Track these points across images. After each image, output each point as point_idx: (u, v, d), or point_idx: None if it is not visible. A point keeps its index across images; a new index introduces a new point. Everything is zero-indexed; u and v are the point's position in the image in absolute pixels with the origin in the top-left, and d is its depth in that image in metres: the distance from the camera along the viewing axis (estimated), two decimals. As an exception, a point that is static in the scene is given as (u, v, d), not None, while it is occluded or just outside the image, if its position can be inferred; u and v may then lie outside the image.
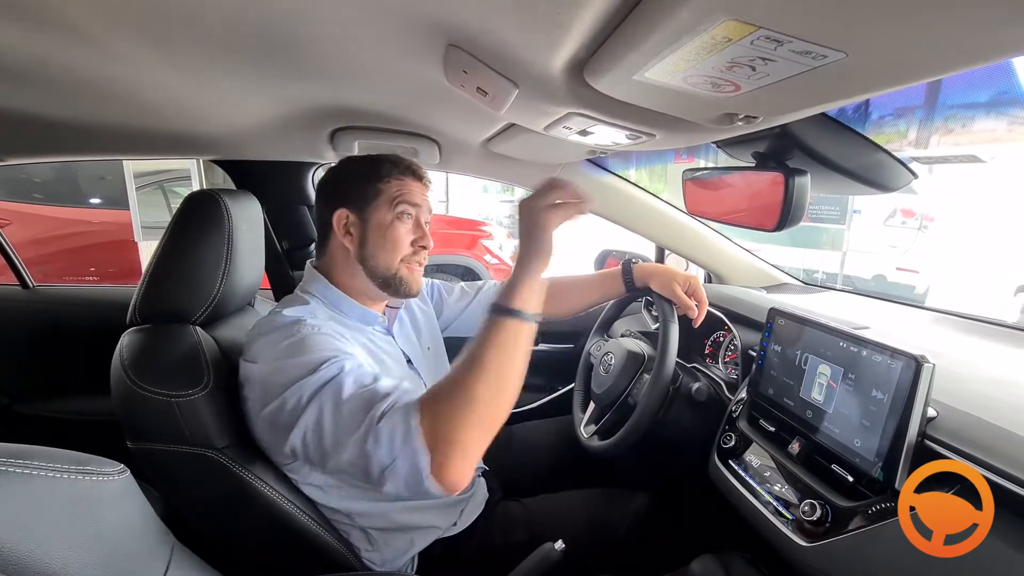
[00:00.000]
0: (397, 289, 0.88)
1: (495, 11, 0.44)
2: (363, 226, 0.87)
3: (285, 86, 0.85)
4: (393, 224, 0.86)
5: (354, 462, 0.67)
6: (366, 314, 0.91)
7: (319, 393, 0.69)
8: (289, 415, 0.70)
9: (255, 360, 0.76)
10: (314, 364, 0.71)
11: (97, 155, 1.24)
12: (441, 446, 0.63)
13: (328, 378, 0.70)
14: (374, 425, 0.64)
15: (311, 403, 0.69)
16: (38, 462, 0.42)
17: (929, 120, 4.34)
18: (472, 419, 0.64)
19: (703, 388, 1.06)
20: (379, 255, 0.87)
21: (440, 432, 0.63)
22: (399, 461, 0.63)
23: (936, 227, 4.92)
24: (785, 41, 0.31)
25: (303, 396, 0.69)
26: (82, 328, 1.46)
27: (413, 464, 0.63)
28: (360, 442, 0.65)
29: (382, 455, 0.64)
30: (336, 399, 0.68)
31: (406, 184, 0.88)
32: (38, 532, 0.39)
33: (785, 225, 0.61)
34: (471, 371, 0.66)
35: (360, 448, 0.65)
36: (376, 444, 0.64)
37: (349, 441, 0.66)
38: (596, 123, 0.66)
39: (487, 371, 0.66)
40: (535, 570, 0.81)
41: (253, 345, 0.79)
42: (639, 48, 0.38)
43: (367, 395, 0.68)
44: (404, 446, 0.63)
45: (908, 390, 0.63)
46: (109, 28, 0.59)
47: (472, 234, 4.14)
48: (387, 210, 0.86)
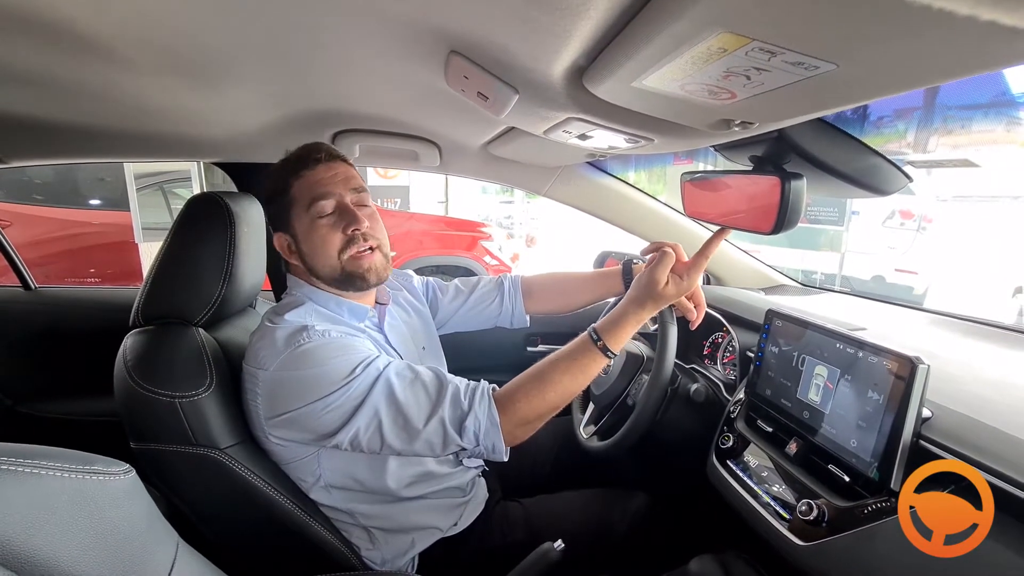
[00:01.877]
0: (355, 284, 0.86)
1: (497, 20, 0.45)
2: (296, 241, 0.86)
3: (287, 90, 0.86)
4: (314, 225, 0.83)
5: (427, 448, 0.78)
6: (355, 308, 0.89)
7: (368, 395, 0.75)
8: (334, 419, 0.75)
9: (264, 367, 0.76)
10: (347, 369, 0.75)
11: (100, 157, 1.24)
12: (516, 437, 0.80)
13: (373, 379, 0.76)
14: (458, 421, 0.76)
15: (363, 405, 0.75)
16: (46, 462, 0.43)
17: (928, 122, 4.35)
18: (543, 417, 0.81)
19: (701, 389, 1.06)
20: (318, 261, 0.84)
21: (517, 430, 0.79)
22: (481, 446, 0.78)
23: (934, 229, 4.94)
24: (778, 52, 0.32)
25: (350, 399, 0.74)
26: (84, 330, 1.47)
27: (491, 448, 0.78)
28: (439, 437, 0.76)
29: (467, 441, 0.77)
30: (391, 399, 0.76)
31: (306, 179, 0.83)
32: (46, 530, 0.40)
33: (782, 228, 0.62)
34: (556, 384, 0.80)
35: (442, 437, 0.76)
36: (462, 436, 0.76)
37: (422, 439, 0.76)
38: (595, 128, 0.67)
39: (569, 385, 0.81)
40: (534, 570, 0.81)
41: (260, 352, 0.78)
42: (637, 57, 0.39)
43: (422, 393, 0.77)
44: (487, 437, 0.77)
45: (903, 391, 0.64)
46: (114, 34, 0.60)
47: (471, 235, 4.14)
48: (303, 215, 0.83)
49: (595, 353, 0.82)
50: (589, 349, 0.82)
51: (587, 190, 1.40)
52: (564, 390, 0.81)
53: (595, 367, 0.82)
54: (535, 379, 0.81)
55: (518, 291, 1.15)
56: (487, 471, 1.10)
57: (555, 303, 1.17)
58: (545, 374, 0.81)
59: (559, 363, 0.82)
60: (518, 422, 0.79)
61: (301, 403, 0.74)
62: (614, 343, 0.82)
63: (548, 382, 0.80)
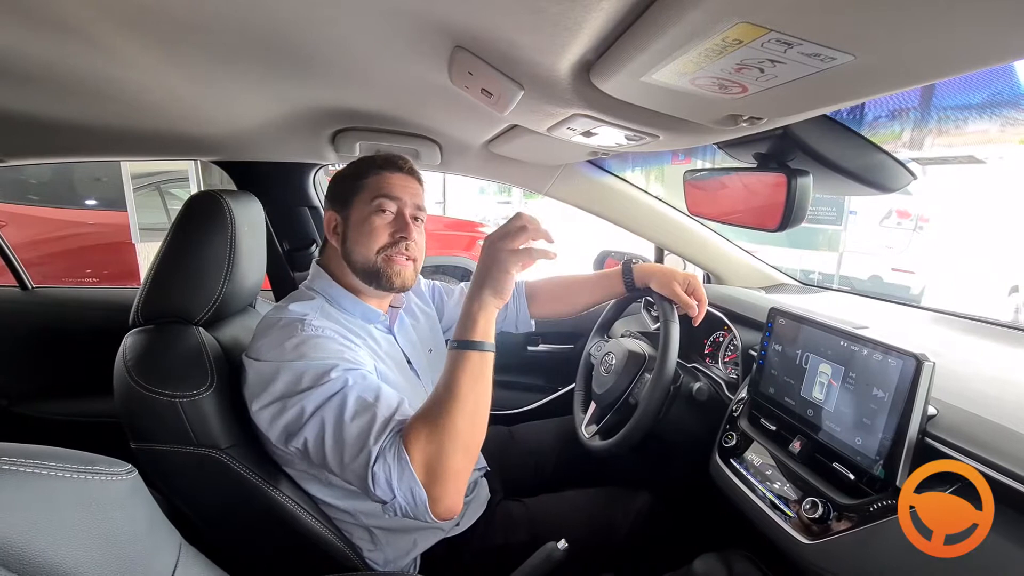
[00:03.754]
0: (380, 281, 0.88)
1: (505, 13, 0.44)
2: (345, 224, 0.89)
3: (288, 88, 0.85)
4: (369, 218, 0.87)
5: (356, 483, 0.71)
6: (368, 311, 0.91)
7: (322, 407, 0.71)
8: (292, 421, 0.72)
9: (258, 357, 0.77)
10: (319, 373, 0.73)
11: (99, 156, 1.24)
12: (435, 480, 0.67)
13: (332, 392, 0.72)
14: (370, 467, 0.67)
15: (314, 415, 0.71)
16: (48, 462, 0.42)
17: (923, 122, 4.37)
18: (458, 449, 0.69)
19: (704, 388, 1.06)
20: (357, 248, 0.88)
21: (431, 467, 0.67)
22: (398, 497, 0.67)
23: (931, 228, 4.96)
24: (795, 43, 0.32)
25: (307, 407, 0.72)
26: (81, 330, 1.46)
27: (410, 498, 0.67)
28: (360, 475, 0.68)
29: (382, 493, 0.67)
30: (338, 418, 0.71)
31: (384, 178, 0.89)
32: (49, 531, 0.39)
33: (788, 225, 0.62)
34: (450, 404, 0.70)
35: (361, 479, 0.68)
36: (375, 485, 0.67)
37: (349, 469, 0.69)
38: (600, 124, 0.67)
39: (464, 402, 0.70)
40: (538, 569, 0.81)
41: (257, 342, 0.80)
42: (648, 50, 0.38)
43: (367, 422, 0.70)
44: (400, 484, 0.67)
45: (909, 388, 0.64)
46: (114, 31, 0.59)
47: (470, 235, 4.13)
48: (365, 205, 0.88)
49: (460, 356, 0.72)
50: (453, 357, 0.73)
51: (588, 189, 1.40)
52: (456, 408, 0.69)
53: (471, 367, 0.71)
54: (424, 408, 0.72)
55: (522, 296, 1.19)
56: (489, 471, 1.09)
57: (558, 306, 1.20)
58: (431, 399, 0.72)
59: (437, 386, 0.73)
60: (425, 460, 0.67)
61: (278, 395, 0.73)
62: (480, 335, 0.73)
63: (435, 405, 0.70)
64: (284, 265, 1.43)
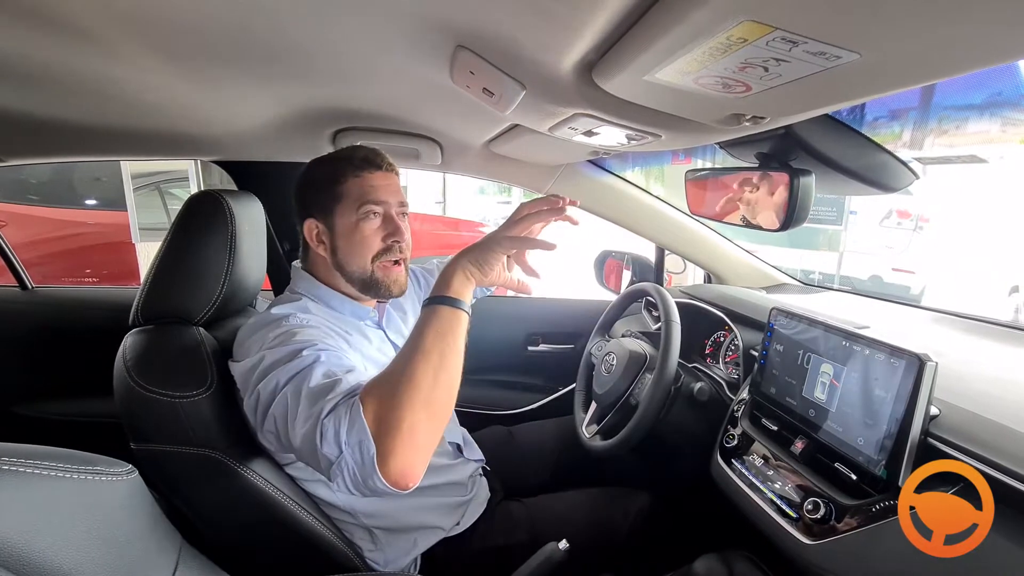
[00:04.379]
0: (379, 291, 0.88)
1: (508, 12, 0.44)
2: (331, 234, 0.86)
3: (289, 88, 0.85)
4: (358, 226, 0.84)
5: (305, 455, 0.66)
6: (357, 309, 0.91)
7: (290, 381, 0.68)
8: (264, 401, 0.70)
9: (238, 359, 0.77)
10: (291, 352, 0.71)
11: (99, 156, 1.23)
12: (386, 431, 0.60)
13: (301, 367, 0.69)
14: (320, 419, 0.62)
15: (281, 391, 0.68)
16: (48, 462, 0.42)
17: (923, 122, 4.37)
18: (416, 402, 0.62)
19: (705, 388, 1.06)
20: (350, 260, 0.86)
21: (384, 417, 0.61)
22: (346, 453, 0.61)
23: (931, 228, 4.96)
24: (800, 42, 0.32)
25: (277, 383, 0.69)
26: (81, 330, 1.46)
27: (360, 454, 0.60)
28: (309, 435, 0.63)
29: (329, 449, 0.61)
30: (299, 388, 0.67)
31: (365, 181, 0.85)
32: (49, 532, 0.39)
33: (791, 225, 0.62)
34: (412, 356, 0.65)
35: (310, 441, 0.63)
36: (323, 438, 0.62)
37: (300, 433, 0.64)
38: (602, 124, 0.67)
39: (427, 355, 0.65)
40: (539, 569, 0.81)
41: (241, 346, 0.79)
42: (652, 49, 0.38)
43: (326, 386, 0.66)
44: (349, 435, 0.60)
45: (911, 388, 0.64)
46: (114, 31, 0.59)
47: (470, 235, 4.14)
48: (351, 213, 0.84)
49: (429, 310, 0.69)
50: (424, 312, 0.69)
51: (588, 188, 1.40)
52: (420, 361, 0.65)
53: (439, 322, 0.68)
54: (389, 364, 0.68)
55: None
56: (489, 470, 1.09)
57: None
58: (395, 356, 0.69)
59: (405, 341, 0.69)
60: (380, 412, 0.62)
61: (253, 383, 0.71)
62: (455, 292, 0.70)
63: (398, 359, 0.67)
64: (284, 265, 1.43)
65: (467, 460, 1.02)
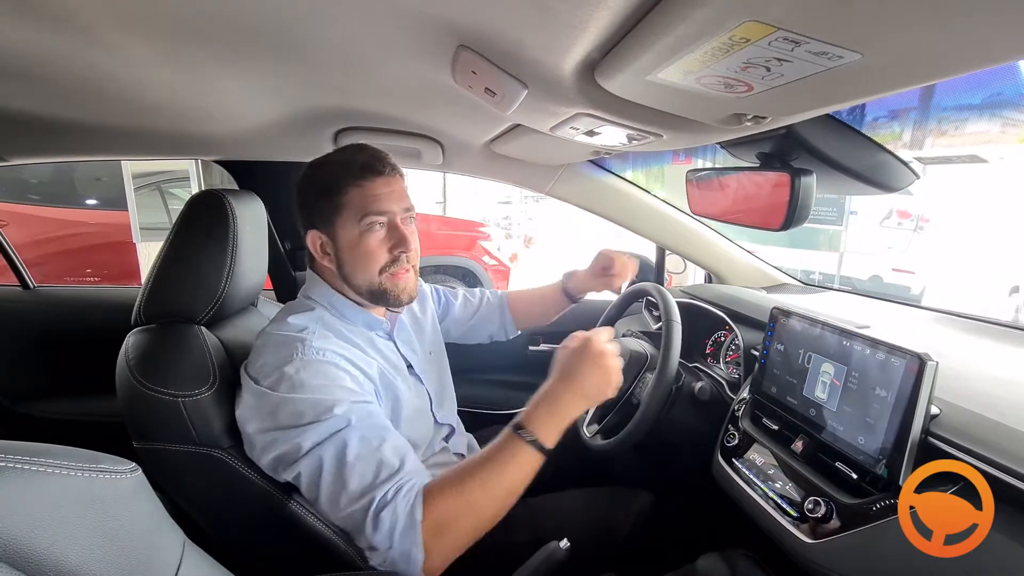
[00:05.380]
0: (387, 301, 0.87)
1: (511, 12, 0.44)
2: (335, 246, 0.84)
3: (290, 88, 0.85)
4: (362, 239, 0.81)
5: (346, 525, 0.70)
6: (370, 319, 0.90)
7: (322, 445, 0.70)
8: (286, 454, 0.71)
9: (255, 378, 0.76)
10: (320, 409, 0.71)
11: (101, 155, 1.24)
12: (439, 549, 0.66)
13: (334, 430, 0.70)
14: (376, 510, 0.66)
15: (311, 452, 0.70)
16: (53, 460, 0.42)
17: (923, 122, 4.37)
18: (472, 529, 0.69)
19: (706, 387, 1.06)
20: (357, 273, 0.84)
21: (443, 537, 0.66)
22: (395, 549, 0.65)
23: (931, 228, 4.96)
24: (803, 42, 0.32)
25: (304, 443, 0.70)
26: (82, 329, 1.46)
27: (407, 557, 0.65)
28: (358, 518, 0.67)
29: (380, 540, 0.65)
30: (339, 458, 0.69)
31: (366, 190, 0.81)
32: (53, 530, 0.39)
33: (791, 224, 0.62)
34: (482, 486, 0.69)
35: (358, 524, 0.67)
36: (376, 529, 0.65)
37: (346, 511, 0.68)
38: (604, 123, 0.67)
39: (496, 489, 0.70)
40: (540, 569, 0.81)
41: (257, 359, 0.78)
42: (654, 49, 0.38)
43: (374, 466, 0.69)
44: (403, 539, 0.65)
45: (912, 388, 0.64)
46: (116, 30, 0.59)
47: (470, 235, 4.13)
48: (353, 225, 0.81)
49: (519, 446, 0.71)
50: (512, 442, 0.71)
51: (589, 188, 1.40)
52: (490, 491, 0.69)
53: (523, 462, 0.71)
54: (454, 481, 0.70)
55: (506, 307, 1.24)
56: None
57: (531, 319, 1.27)
58: (465, 473, 0.71)
59: (481, 459, 0.72)
60: (438, 525, 0.66)
61: (273, 425, 0.72)
62: (545, 436, 0.72)
63: (469, 482, 0.69)
64: (285, 264, 1.43)
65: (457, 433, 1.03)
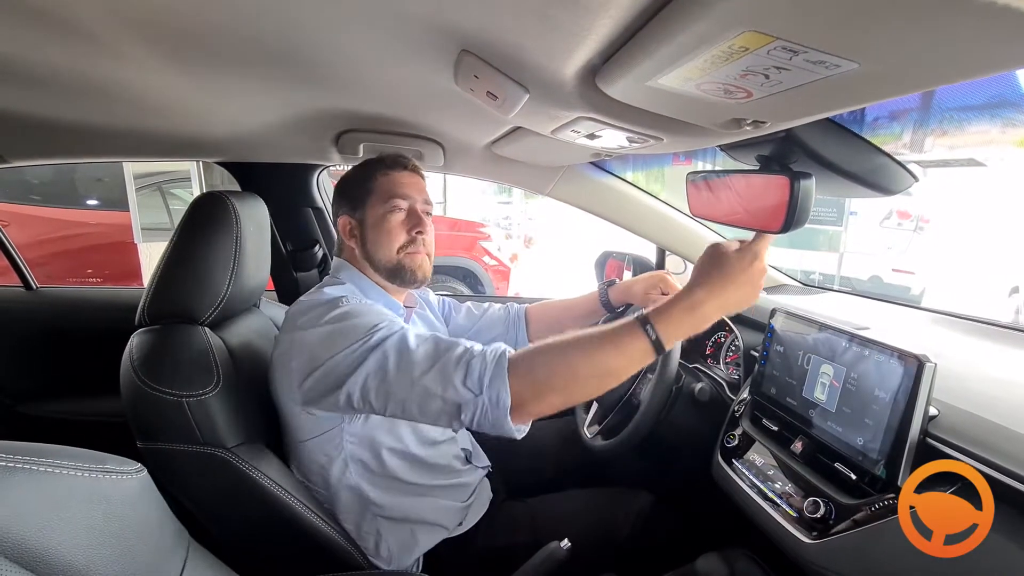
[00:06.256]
0: (404, 278, 0.93)
1: (513, 18, 0.45)
2: (362, 227, 0.93)
3: (293, 90, 0.86)
4: (385, 217, 0.91)
5: (426, 394, 0.71)
6: (391, 303, 0.94)
7: (381, 344, 0.74)
8: (348, 364, 0.74)
9: (303, 328, 0.79)
10: (371, 324, 0.77)
11: (103, 157, 1.24)
12: (527, 398, 0.69)
13: (389, 333, 0.76)
14: (461, 360, 0.70)
15: (373, 352, 0.74)
16: (60, 460, 0.43)
17: (924, 123, 4.38)
18: (562, 389, 0.70)
19: (706, 388, 1.07)
20: (379, 249, 0.92)
21: (530, 387, 0.69)
22: (484, 396, 0.69)
23: (931, 229, 4.97)
24: (801, 51, 0.32)
25: (366, 347, 0.75)
26: (85, 329, 1.46)
27: (496, 401, 0.68)
28: (440, 375, 0.70)
29: (471, 384, 0.69)
30: (401, 347, 0.74)
31: (393, 178, 0.93)
32: (61, 529, 0.40)
33: (791, 227, 0.62)
34: (585, 353, 0.70)
35: (442, 380, 0.70)
36: (467, 375, 0.69)
37: (425, 377, 0.71)
38: (604, 127, 0.67)
39: (599, 364, 0.70)
40: (541, 569, 0.81)
41: (299, 317, 0.82)
42: (655, 56, 0.39)
43: (435, 342, 0.74)
44: (492, 383, 0.68)
45: (910, 389, 0.64)
46: (120, 33, 0.60)
47: (471, 236, 4.14)
48: (379, 206, 0.91)
49: (639, 337, 0.69)
50: (632, 331, 0.70)
51: (590, 190, 1.41)
52: (592, 360, 0.69)
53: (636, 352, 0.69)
54: (560, 341, 0.71)
55: (521, 322, 1.22)
56: (491, 472, 1.10)
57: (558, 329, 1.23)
58: (574, 338, 0.71)
59: (594, 333, 0.71)
60: (530, 380, 0.69)
61: (330, 353, 0.75)
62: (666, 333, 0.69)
63: (574, 345, 0.70)
64: (287, 266, 1.44)
65: (475, 467, 1.03)
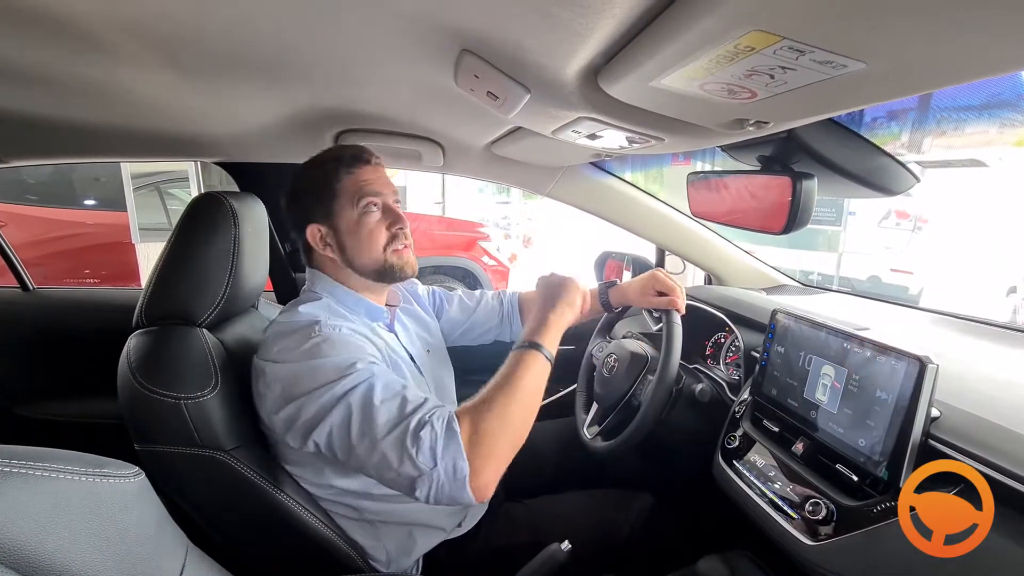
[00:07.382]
0: (393, 275, 0.90)
1: (515, 18, 0.45)
2: (336, 234, 0.87)
3: (292, 90, 0.85)
4: (361, 221, 0.86)
5: (384, 464, 0.69)
6: (372, 309, 0.91)
7: (348, 394, 0.72)
8: (314, 414, 0.72)
9: (276, 360, 0.77)
10: (343, 366, 0.74)
11: (101, 157, 1.23)
12: (481, 459, 0.69)
13: (359, 381, 0.73)
14: (413, 431, 0.68)
15: (340, 402, 0.72)
16: (57, 464, 0.42)
17: (922, 123, 4.38)
18: (508, 436, 0.73)
19: (706, 389, 1.06)
20: (362, 254, 0.88)
21: (481, 446, 0.70)
22: (440, 467, 0.67)
23: (929, 228, 4.98)
24: (807, 51, 0.32)
25: (332, 396, 0.72)
26: (82, 331, 1.46)
27: (453, 471, 0.68)
28: (397, 446, 0.68)
29: (423, 459, 0.67)
30: (366, 401, 0.71)
31: (357, 176, 0.87)
32: (59, 534, 0.40)
33: (792, 228, 0.62)
34: (508, 394, 0.74)
35: (398, 451, 0.68)
36: (417, 449, 0.68)
37: (383, 444, 0.69)
38: (605, 127, 0.67)
39: (523, 392, 0.75)
40: (541, 570, 0.81)
41: (273, 345, 0.79)
42: (658, 56, 0.38)
43: (400, 402, 0.72)
44: (445, 453, 0.68)
45: (912, 390, 0.64)
46: (118, 35, 0.59)
47: (470, 236, 4.13)
48: (351, 209, 0.86)
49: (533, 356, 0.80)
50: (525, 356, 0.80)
51: (590, 190, 1.40)
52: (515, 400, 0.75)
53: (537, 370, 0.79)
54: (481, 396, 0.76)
55: (515, 308, 1.22)
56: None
57: None
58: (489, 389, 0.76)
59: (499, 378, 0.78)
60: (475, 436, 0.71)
61: (299, 392, 0.73)
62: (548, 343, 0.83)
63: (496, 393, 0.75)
64: (286, 266, 1.43)
65: None
